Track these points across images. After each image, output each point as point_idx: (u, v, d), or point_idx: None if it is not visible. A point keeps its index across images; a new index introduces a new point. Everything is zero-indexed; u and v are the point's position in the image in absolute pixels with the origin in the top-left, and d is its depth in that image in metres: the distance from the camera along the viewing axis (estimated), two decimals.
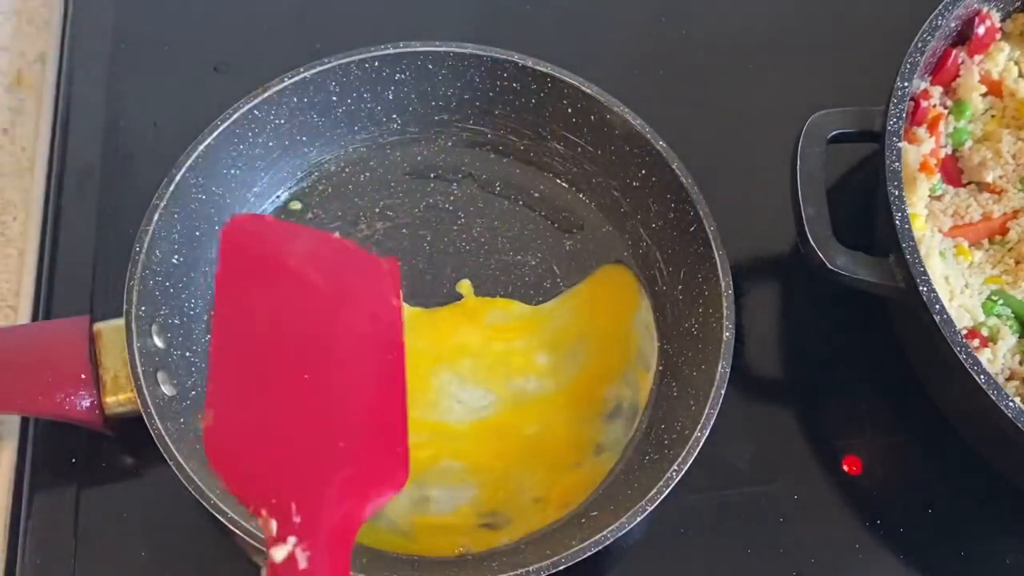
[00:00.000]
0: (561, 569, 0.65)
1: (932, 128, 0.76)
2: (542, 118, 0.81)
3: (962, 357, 0.66)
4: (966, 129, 0.78)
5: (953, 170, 0.78)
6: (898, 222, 0.69)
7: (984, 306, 0.73)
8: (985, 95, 0.79)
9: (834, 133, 0.73)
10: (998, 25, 0.79)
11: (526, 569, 0.65)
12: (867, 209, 0.78)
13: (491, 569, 0.66)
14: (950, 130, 0.78)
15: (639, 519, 0.66)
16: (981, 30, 0.78)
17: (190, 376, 0.74)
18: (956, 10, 0.75)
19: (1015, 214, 0.76)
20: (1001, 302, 0.73)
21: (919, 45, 0.74)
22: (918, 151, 0.74)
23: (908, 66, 0.73)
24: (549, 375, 0.77)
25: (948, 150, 0.78)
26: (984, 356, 0.71)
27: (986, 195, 0.77)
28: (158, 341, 0.72)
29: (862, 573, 0.74)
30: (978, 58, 0.79)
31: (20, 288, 0.80)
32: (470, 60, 0.80)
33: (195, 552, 0.72)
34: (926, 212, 0.75)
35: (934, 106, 0.77)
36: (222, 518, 0.65)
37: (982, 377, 0.66)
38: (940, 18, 0.75)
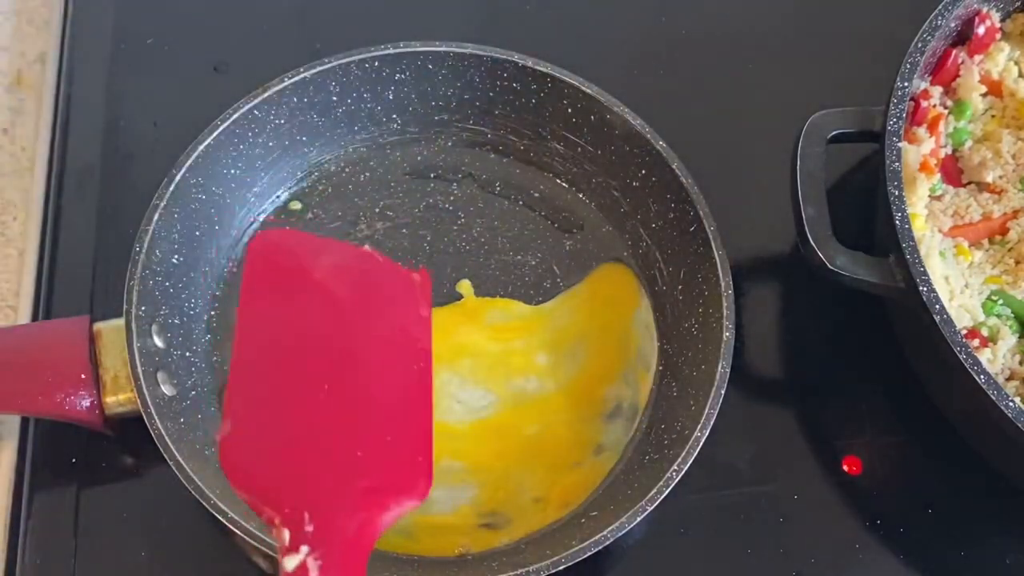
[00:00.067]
0: (561, 569, 0.65)
1: (932, 128, 0.76)
2: (542, 118, 0.81)
3: (962, 357, 0.66)
4: (966, 129, 0.78)
5: (953, 170, 0.78)
6: (898, 222, 0.69)
7: (984, 306, 0.73)
8: (985, 95, 0.79)
9: (834, 133, 0.73)
10: (998, 25, 0.79)
11: (526, 569, 0.65)
12: (867, 209, 0.78)
13: (491, 569, 0.66)
14: (950, 130, 0.78)
15: (639, 519, 0.66)
16: (981, 30, 0.78)
17: (190, 376, 0.74)
18: (956, 10, 0.75)
19: (1015, 214, 0.76)
20: (1001, 302, 0.73)
21: (919, 45, 0.74)
22: (918, 151, 0.74)
23: (908, 66, 0.73)
24: (549, 375, 0.77)
25: (948, 150, 0.78)
26: (984, 356, 0.71)
27: (986, 195, 0.77)
28: (158, 341, 0.72)
29: (862, 573, 0.74)
30: (978, 58, 0.79)
31: (20, 288, 0.80)
32: (470, 60, 0.80)
33: (195, 552, 0.72)
34: (926, 212, 0.75)
35: (934, 106, 0.77)
36: (222, 518, 0.65)
37: (982, 377, 0.66)
38: (940, 18, 0.75)
